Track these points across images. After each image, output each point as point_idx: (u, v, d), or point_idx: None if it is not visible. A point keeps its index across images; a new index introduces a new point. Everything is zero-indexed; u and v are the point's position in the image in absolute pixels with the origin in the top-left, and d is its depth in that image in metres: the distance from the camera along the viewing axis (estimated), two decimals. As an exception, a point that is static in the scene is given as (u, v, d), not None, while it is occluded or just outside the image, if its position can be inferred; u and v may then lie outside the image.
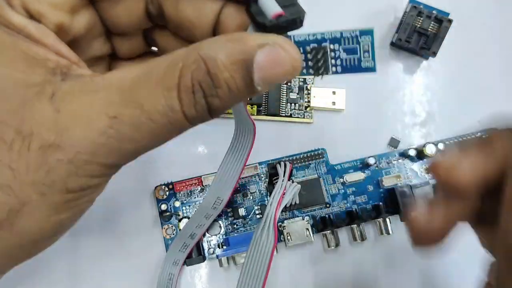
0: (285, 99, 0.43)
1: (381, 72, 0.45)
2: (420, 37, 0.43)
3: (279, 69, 0.20)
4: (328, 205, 0.41)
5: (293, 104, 0.43)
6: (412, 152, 0.42)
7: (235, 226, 0.41)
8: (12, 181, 0.19)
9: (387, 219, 0.40)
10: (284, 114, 0.43)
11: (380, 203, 0.40)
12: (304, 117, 0.43)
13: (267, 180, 0.41)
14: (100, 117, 0.19)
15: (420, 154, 0.42)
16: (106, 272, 0.40)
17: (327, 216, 0.40)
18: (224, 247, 0.40)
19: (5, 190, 0.19)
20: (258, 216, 0.41)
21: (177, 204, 0.41)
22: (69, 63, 0.20)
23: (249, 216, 0.41)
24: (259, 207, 0.41)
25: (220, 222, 0.41)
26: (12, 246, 0.20)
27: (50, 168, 0.19)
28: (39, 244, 0.21)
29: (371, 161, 0.41)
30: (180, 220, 0.40)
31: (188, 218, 0.40)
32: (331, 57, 0.22)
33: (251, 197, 0.41)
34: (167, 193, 0.41)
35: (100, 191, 0.22)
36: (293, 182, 0.39)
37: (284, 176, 0.38)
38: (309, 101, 0.43)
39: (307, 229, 0.39)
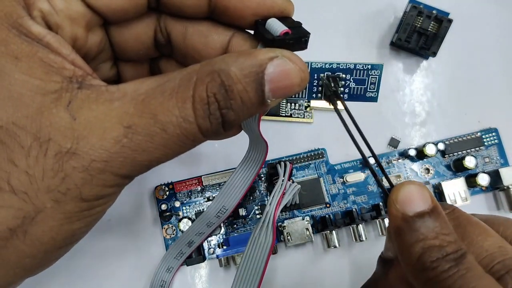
0: (285, 99, 0.43)
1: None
2: (420, 37, 0.43)
3: (288, 80, 0.20)
4: (328, 205, 0.41)
5: (293, 104, 0.43)
6: (412, 152, 0.42)
7: (235, 226, 0.41)
8: (28, 187, 0.19)
9: (387, 219, 0.40)
10: (284, 114, 0.43)
11: (380, 203, 0.40)
12: (304, 117, 0.43)
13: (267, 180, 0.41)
14: (115, 126, 0.19)
15: (420, 154, 0.42)
16: (106, 272, 0.40)
17: (327, 216, 0.40)
18: (224, 247, 0.40)
19: (21, 195, 0.19)
20: (258, 216, 0.41)
21: (177, 204, 0.41)
22: (85, 73, 0.20)
23: (249, 216, 0.41)
24: (259, 207, 0.41)
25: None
26: (25, 256, 0.20)
27: (66, 175, 0.19)
28: (51, 254, 0.21)
29: (371, 161, 0.41)
30: (180, 220, 0.40)
31: (189, 218, 0.40)
32: (341, 85, 0.23)
33: (251, 197, 0.41)
34: (167, 193, 0.41)
35: (111, 203, 0.22)
36: (293, 182, 0.39)
37: (284, 176, 0.37)
38: (309, 101, 0.43)
39: (307, 229, 0.39)
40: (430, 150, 0.41)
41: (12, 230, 0.19)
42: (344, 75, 0.23)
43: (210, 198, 0.41)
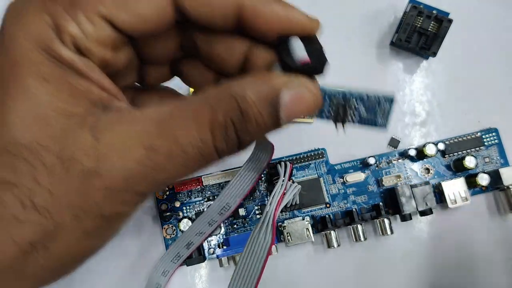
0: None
1: (381, 72, 0.45)
2: (420, 37, 0.43)
3: (302, 106, 0.22)
4: (328, 205, 0.41)
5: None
6: (412, 152, 0.42)
7: (235, 226, 0.41)
8: (50, 203, 0.19)
9: (387, 219, 0.40)
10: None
11: (380, 203, 0.40)
12: (304, 117, 0.43)
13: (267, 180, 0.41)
14: (137, 147, 0.20)
15: (420, 154, 0.42)
16: (106, 272, 0.40)
17: (327, 216, 0.40)
18: (224, 247, 0.40)
19: (42, 212, 0.19)
20: (258, 216, 0.41)
21: (177, 204, 0.41)
22: (110, 96, 0.21)
23: (249, 216, 0.41)
24: (259, 207, 0.41)
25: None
26: (42, 269, 0.21)
27: (87, 193, 0.20)
28: (67, 267, 0.22)
29: (371, 161, 0.41)
30: (180, 220, 0.40)
31: (189, 218, 0.40)
32: (352, 110, 0.24)
33: (251, 197, 0.41)
34: (167, 193, 0.41)
35: (128, 219, 0.22)
36: (293, 182, 0.39)
37: (284, 176, 0.38)
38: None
39: (307, 229, 0.39)
40: (430, 150, 0.41)
41: (32, 245, 0.20)
42: (355, 102, 0.24)
43: (210, 198, 0.41)
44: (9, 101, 0.20)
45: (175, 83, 0.30)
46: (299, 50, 0.22)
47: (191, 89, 0.39)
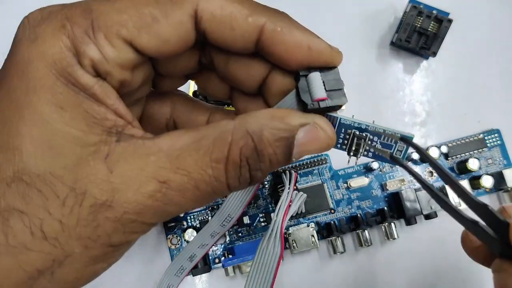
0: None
1: (381, 72, 0.45)
2: (420, 37, 0.43)
3: (316, 146, 0.22)
4: (333, 211, 0.41)
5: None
6: (415, 155, 0.41)
7: (240, 234, 0.40)
8: (60, 234, 0.19)
9: (392, 224, 0.40)
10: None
11: (385, 207, 0.40)
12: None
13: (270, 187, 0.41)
14: (150, 181, 0.20)
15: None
16: (111, 283, 0.40)
17: (332, 222, 0.40)
18: (230, 256, 0.40)
19: (52, 241, 0.19)
20: (263, 224, 0.40)
21: (181, 214, 0.40)
22: (125, 123, 0.21)
23: (254, 224, 0.41)
24: (263, 214, 0.41)
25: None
26: None
27: (98, 224, 0.20)
28: None
29: (375, 165, 0.41)
30: (184, 230, 0.40)
31: (193, 227, 0.40)
32: (367, 144, 0.24)
33: (255, 205, 0.41)
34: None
35: (134, 243, 0.22)
36: (298, 190, 0.38)
37: (289, 185, 0.37)
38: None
39: (313, 235, 0.39)
40: (433, 153, 0.41)
41: (40, 272, 0.20)
42: (371, 137, 0.23)
43: (214, 207, 0.40)
44: (23, 128, 0.19)
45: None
46: (317, 88, 0.22)
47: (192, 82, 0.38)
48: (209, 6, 0.21)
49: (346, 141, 0.24)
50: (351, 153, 0.24)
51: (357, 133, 0.23)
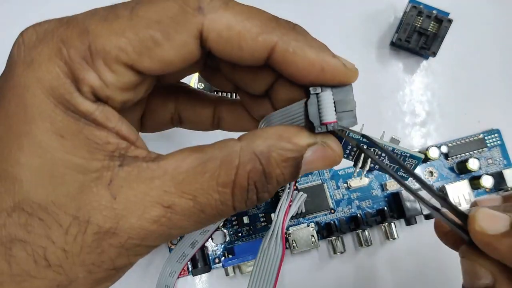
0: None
1: (381, 72, 0.45)
2: (420, 37, 0.43)
3: (323, 163, 0.22)
4: (332, 211, 0.41)
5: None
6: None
7: (239, 234, 0.40)
8: (64, 261, 0.19)
9: (392, 224, 0.40)
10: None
11: (385, 207, 0.40)
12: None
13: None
14: (155, 206, 0.19)
15: (423, 157, 0.42)
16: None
17: (332, 222, 0.40)
18: (230, 256, 0.40)
19: (56, 269, 0.19)
20: (263, 224, 0.40)
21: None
22: (128, 144, 0.20)
23: (254, 224, 0.40)
24: (263, 214, 0.41)
25: (224, 230, 0.40)
26: None
27: (102, 251, 0.19)
28: None
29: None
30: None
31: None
32: (374, 159, 0.23)
33: (255, 205, 0.41)
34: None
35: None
36: (298, 190, 0.38)
37: (289, 185, 0.37)
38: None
39: (313, 235, 0.39)
40: (433, 153, 0.41)
41: None
42: (380, 153, 0.23)
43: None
44: (22, 158, 0.19)
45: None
46: (327, 110, 0.21)
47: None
48: (215, 26, 0.20)
49: (353, 153, 0.24)
50: (357, 167, 0.24)
51: (365, 148, 0.23)
